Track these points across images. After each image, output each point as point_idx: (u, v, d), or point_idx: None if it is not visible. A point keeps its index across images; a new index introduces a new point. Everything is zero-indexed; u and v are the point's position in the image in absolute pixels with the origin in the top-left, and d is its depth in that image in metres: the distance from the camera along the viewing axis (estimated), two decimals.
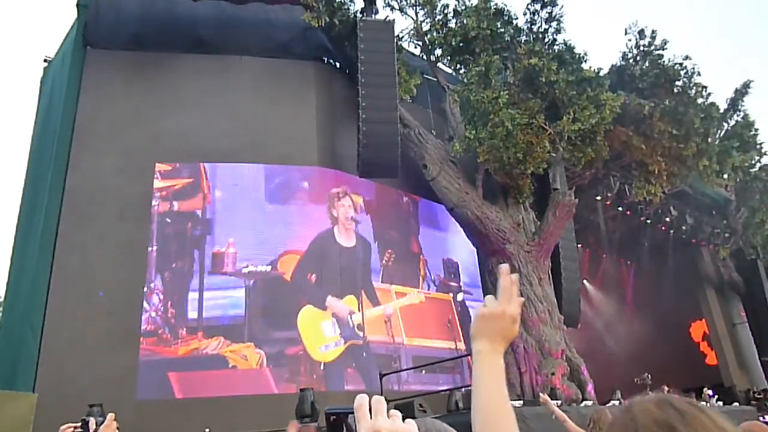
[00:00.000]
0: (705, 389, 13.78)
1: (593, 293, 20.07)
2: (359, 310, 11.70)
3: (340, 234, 12.07)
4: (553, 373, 11.28)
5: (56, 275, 9.92)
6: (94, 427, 2.77)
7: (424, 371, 11.99)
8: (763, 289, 18.97)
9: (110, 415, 2.70)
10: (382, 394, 0.99)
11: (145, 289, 10.41)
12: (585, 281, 18.61)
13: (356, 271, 12.09)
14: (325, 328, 11.16)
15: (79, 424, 2.87)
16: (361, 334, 11.55)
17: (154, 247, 10.75)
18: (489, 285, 12.89)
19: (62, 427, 2.88)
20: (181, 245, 10.96)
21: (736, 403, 14.27)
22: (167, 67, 11.94)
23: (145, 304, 10.31)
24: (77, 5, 11.78)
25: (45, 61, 13.22)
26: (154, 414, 9.34)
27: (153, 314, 10.33)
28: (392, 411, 0.98)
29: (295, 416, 8.07)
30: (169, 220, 10.99)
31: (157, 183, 11.14)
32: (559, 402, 9.43)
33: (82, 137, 10.91)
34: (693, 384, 15.14)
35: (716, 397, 13.65)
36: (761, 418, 9.59)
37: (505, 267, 1.26)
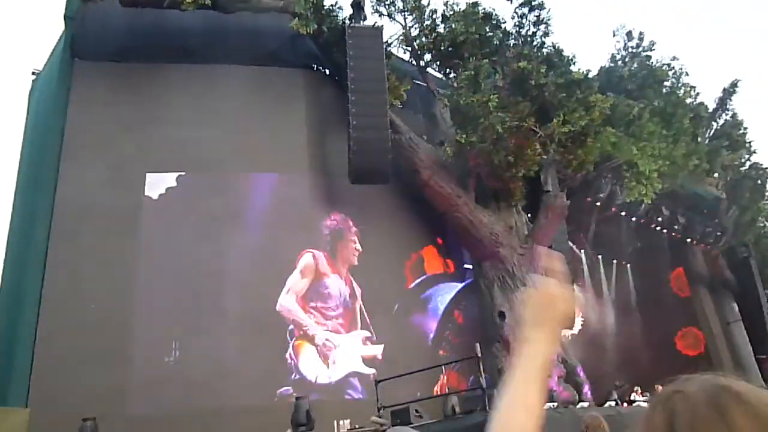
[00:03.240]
0: None
1: (586, 294, 20.04)
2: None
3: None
4: (549, 376, 11.28)
5: (47, 289, 9.82)
6: None
7: None
8: (755, 287, 19.03)
9: None
10: (378, 401, 0.97)
11: (137, 300, 10.31)
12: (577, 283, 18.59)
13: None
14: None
15: None
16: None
17: (144, 258, 10.65)
18: (483, 288, 12.86)
19: None
20: (171, 255, 10.86)
21: None
22: (156, 77, 11.88)
23: (137, 315, 10.21)
24: (64, 17, 11.70)
25: (33, 73, 13.12)
26: (148, 428, 9.25)
27: (146, 324, 10.23)
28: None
29: (290, 425, 8.02)
30: (159, 231, 10.89)
31: (147, 194, 11.06)
32: (556, 404, 9.41)
33: (71, 149, 10.82)
34: None
35: None
36: None
37: (544, 249, 1.11)
